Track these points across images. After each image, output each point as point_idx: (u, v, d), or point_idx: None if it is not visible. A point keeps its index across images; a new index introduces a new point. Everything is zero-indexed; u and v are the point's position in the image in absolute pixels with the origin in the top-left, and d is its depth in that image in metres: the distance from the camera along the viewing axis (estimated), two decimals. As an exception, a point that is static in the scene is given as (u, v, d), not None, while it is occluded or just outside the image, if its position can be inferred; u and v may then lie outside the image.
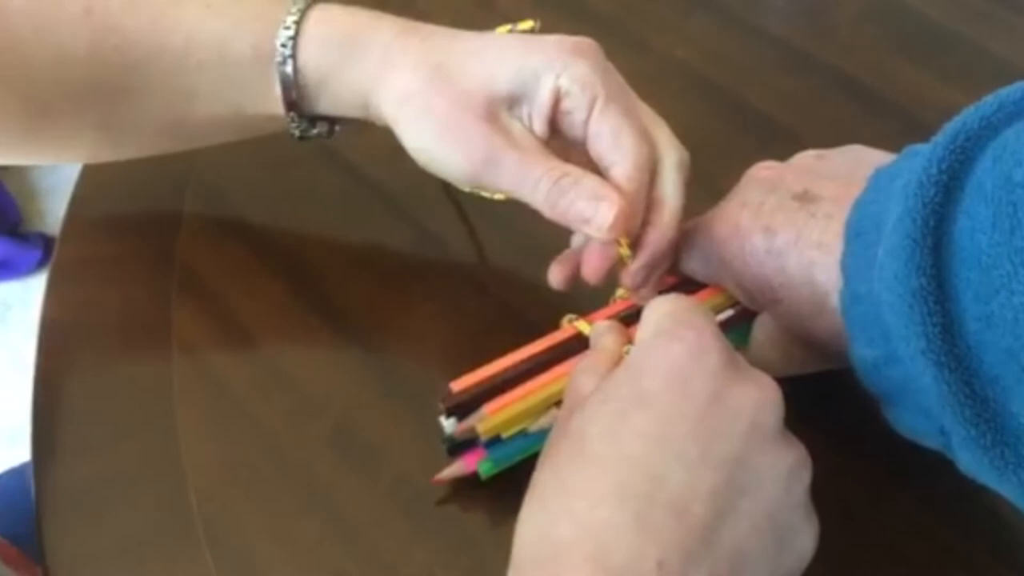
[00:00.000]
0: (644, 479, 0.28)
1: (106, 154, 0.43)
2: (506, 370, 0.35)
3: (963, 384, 0.29)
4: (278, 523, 0.36)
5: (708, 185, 0.37)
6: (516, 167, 0.35)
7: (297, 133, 0.40)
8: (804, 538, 0.29)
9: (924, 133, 0.31)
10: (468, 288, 0.43)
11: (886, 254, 0.30)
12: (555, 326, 0.37)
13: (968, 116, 0.30)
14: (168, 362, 0.40)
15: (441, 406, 0.34)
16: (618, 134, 0.35)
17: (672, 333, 0.30)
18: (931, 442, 0.31)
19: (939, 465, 0.31)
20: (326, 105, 0.39)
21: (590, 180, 0.34)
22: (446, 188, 0.46)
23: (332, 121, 0.41)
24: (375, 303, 0.42)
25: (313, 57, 0.37)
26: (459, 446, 0.35)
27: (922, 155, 0.30)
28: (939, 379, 0.29)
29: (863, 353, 0.32)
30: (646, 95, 0.37)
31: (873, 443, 0.35)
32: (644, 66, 0.52)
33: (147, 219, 0.46)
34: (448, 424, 0.34)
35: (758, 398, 0.29)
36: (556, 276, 0.38)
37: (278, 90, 0.38)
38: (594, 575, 0.26)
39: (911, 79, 0.52)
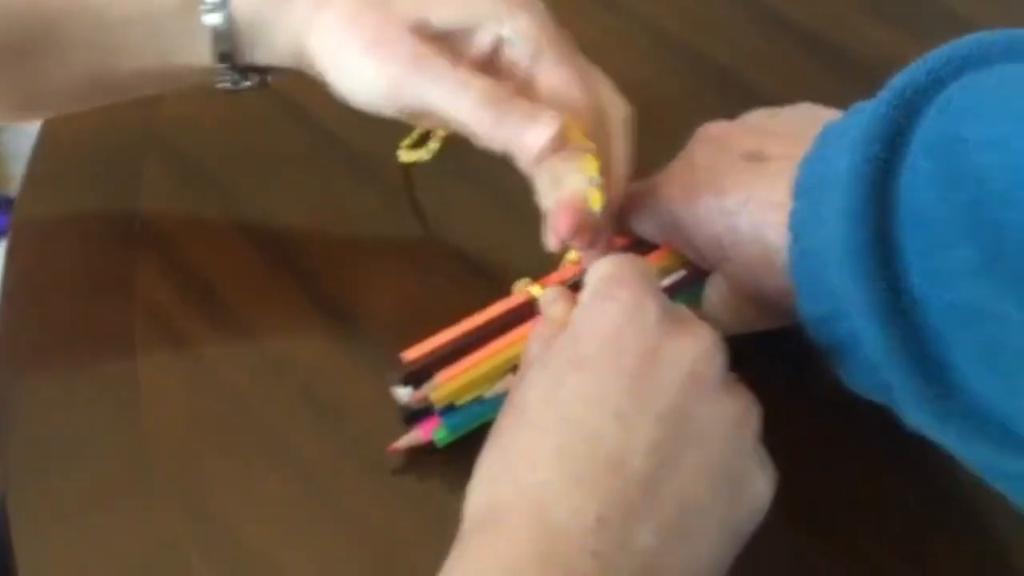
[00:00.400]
0: (582, 439, 0.28)
1: (24, 115, 0.42)
2: (458, 338, 0.35)
3: (906, 339, 0.29)
4: (242, 479, 0.36)
5: (671, 142, 0.37)
6: (442, 70, 0.33)
7: (229, 85, 0.39)
8: (758, 486, 0.29)
9: (888, 91, 0.31)
10: (435, 248, 0.43)
11: (832, 210, 0.30)
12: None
13: (915, 70, 0.30)
14: (131, 320, 0.40)
15: (394, 375, 0.34)
16: (566, 87, 0.34)
17: (606, 294, 0.31)
18: (877, 396, 0.32)
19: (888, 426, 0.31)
20: (262, 54, 0.38)
21: (524, 100, 0.33)
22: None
23: (264, 71, 0.39)
24: (341, 262, 0.42)
25: (245, 4, 0.36)
26: (415, 415, 0.35)
27: (868, 110, 0.30)
28: (883, 334, 0.29)
29: (811, 309, 0.32)
30: (613, 51, 0.37)
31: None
32: (611, 22, 0.52)
33: (108, 179, 0.45)
34: (402, 393, 0.34)
35: (695, 349, 0.29)
36: (552, 240, 0.35)
37: (208, 41, 0.37)
38: (534, 532, 0.27)
39: (877, 37, 0.51)
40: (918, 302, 0.29)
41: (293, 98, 0.42)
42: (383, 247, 0.43)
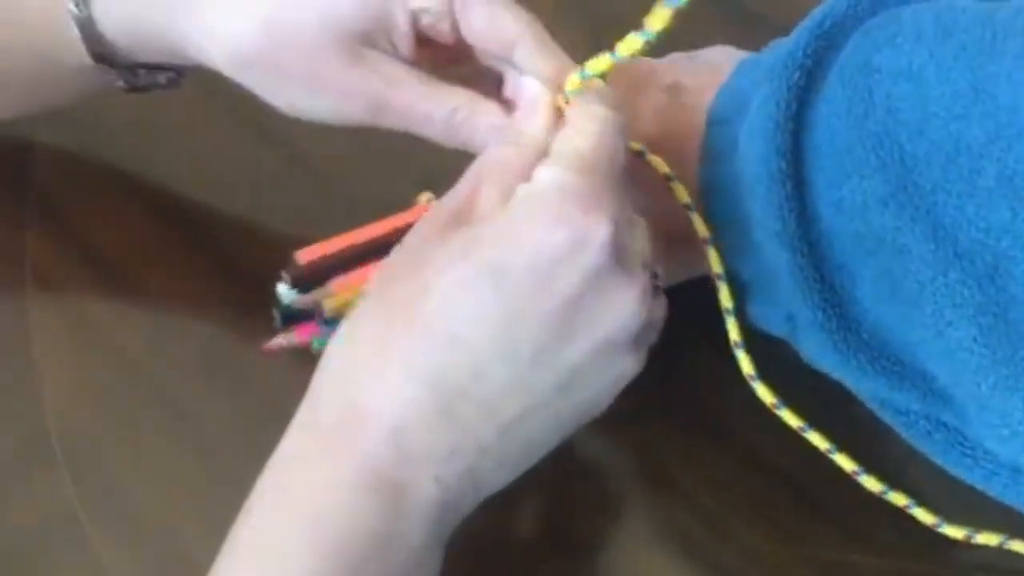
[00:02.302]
0: (466, 371, 0.27)
1: None
2: (355, 246, 0.33)
3: (813, 269, 0.29)
4: (138, 445, 0.36)
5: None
6: (403, 111, 0.31)
7: (124, 86, 0.35)
8: (602, 409, 0.29)
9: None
10: (339, 209, 0.40)
11: (748, 136, 0.30)
12: None
13: (836, 3, 0.30)
14: (23, 288, 0.39)
15: (284, 274, 0.32)
16: (495, 15, 0.31)
17: (563, 211, 0.27)
18: (777, 329, 0.32)
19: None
20: (144, 54, 0.34)
21: (484, 111, 0.31)
22: None
23: (171, 69, 0.35)
24: (239, 227, 0.41)
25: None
26: (292, 316, 0.33)
27: (788, 41, 0.30)
28: (792, 263, 0.29)
29: (722, 242, 0.32)
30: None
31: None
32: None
33: (-1, 145, 0.43)
34: (287, 293, 0.32)
35: (619, 314, 0.27)
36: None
37: (76, 34, 0.33)
38: (389, 450, 0.26)
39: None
40: (825, 233, 0.29)
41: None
42: (285, 211, 0.41)
